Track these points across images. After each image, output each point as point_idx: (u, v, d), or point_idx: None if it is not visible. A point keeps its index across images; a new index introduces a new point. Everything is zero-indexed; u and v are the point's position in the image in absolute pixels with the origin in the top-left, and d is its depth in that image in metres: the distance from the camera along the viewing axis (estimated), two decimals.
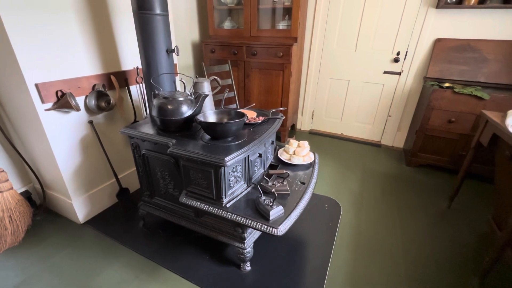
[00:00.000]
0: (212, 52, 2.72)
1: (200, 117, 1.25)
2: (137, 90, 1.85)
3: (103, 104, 1.60)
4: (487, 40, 2.21)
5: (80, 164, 1.61)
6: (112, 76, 1.62)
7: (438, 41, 2.36)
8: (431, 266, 1.45)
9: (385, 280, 1.36)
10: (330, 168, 2.45)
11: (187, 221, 1.46)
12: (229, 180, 1.19)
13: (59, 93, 1.39)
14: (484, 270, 1.32)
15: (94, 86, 1.55)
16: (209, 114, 1.31)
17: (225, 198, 1.20)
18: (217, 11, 2.80)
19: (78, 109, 1.41)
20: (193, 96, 1.35)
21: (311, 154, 1.62)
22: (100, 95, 1.58)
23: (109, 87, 1.64)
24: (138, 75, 1.76)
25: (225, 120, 1.29)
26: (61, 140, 1.48)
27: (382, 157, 2.69)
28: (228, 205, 1.20)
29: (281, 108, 1.68)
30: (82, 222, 1.70)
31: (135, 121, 1.83)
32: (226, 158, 1.06)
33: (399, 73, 2.63)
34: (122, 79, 1.71)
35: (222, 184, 1.16)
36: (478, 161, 2.13)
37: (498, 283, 1.35)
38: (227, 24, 2.79)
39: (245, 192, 1.30)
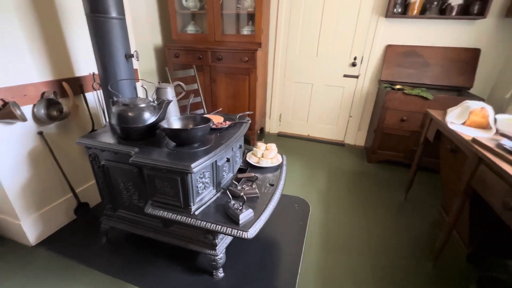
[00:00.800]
0: (176, 56, 2.66)
1: (164, 124, 1.21)
2: (94, 97, 1.73)
3: (54, 113, 1.47)
4: (429, 46, 2.48)
5: (29, 180, 1.46)
6: (64, 83, 1.50)
7: (388, 47, 2.58)
8: (392, 254, 1.56)
9: (352, 271, 1.44)
10: (298, 168, 2.53)
11: (154, 232, 1.40)
12: (197, 186, 1.17)
13: (1, 102, 1.25)
14: (436, 254, 1.46)
15: (43, 93, 1.42)
16: (174, 121, 1.27)
17: (194, 205, 1.17)
18: (180, 15, 2.75)
19: (24, 119, 1.28)
20: (156, 102, 1.31)
21: (279, 156, 1.66)
22: (51, 104, 1.45)
23: (62, 94, 1.52)
24: (94, 81, 1.66)
25: (191, 126, 1.27)
26: (5, 154, 1.33)
27: (346, 155, 2.85)
28: (197, 213, 1.18)
29: (247, 112, 1.70)
30: (34, 244, 1.53)
31: (93, 130, 1.71)
32: (193, 165, 1.05)
33: (357, 77, 2.82)
34: (76, 85, 1.59)
35: (189, 192, 1.13)
36: (427, 155, 2.36)
37: (448, 264, 1.50)
38: (190, 29, 2.76)
39: (214, 197, 1.28)
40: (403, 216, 1.90)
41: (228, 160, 1.34)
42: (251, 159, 1.60)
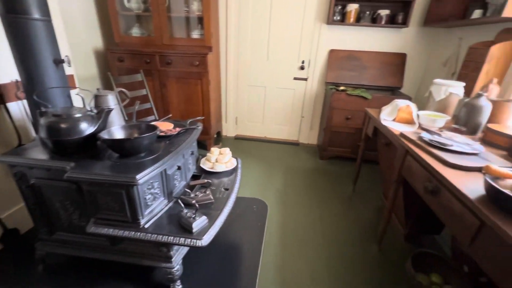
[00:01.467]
0: (121, 61, 2.49)
1: (104, 134, 1.12)
2: (19, 108, 1.52)
3: None
4: (366, 51, 2.75)
5: None
6: None
7: (331, 52, 2.79)
8: (344, 243, 1.69)
9: (309, 264, 1.51)
10: (256, 170, 2.57)
11: (101, 252, 1.28)
12: (146, 198, 1.11)
13: None
14: (380, 237, 1.62)
15: None
16: (116, 130, 1.19)
17: (143, 218, 1.11)
18: (123, 16, 2.58)
19: None
20: (94, 111, 1.21)
21: (234, 160, 1.67)
22: None
23: None
24: (19, 89, 1.46)
25: (135, 135, 1.20)
26: None
27: (300, 154, 2.99)
28: (147, 226, 1.12)
29: (199, 118, 1.67)
30: None
31: (20, 144, 1.50)
32: (138, 176, 0.99)
33: (306, 79, 2.99)
34: None
35: (137, 205, 1.07)
36: (370, 149, 2.60)
37: (390, 245, 1.68)
38: (135, 31, 2.61)
39: (166, 208, 1.23)
40: (352, 207, 2.07)
41: (179, 168, 1.30)
42: (205, 165, 1.58)
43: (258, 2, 2.71)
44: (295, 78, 3.00)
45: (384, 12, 2.47)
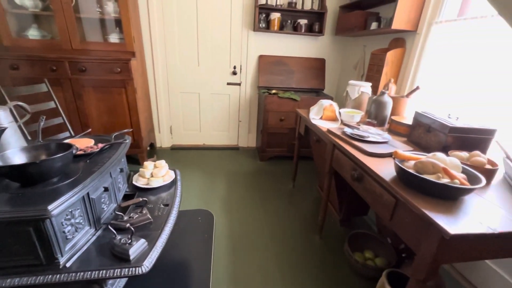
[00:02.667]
0: (15, 68, 2.04)
1: None
2: None
3: None
4: (291, 56, 2.97)
5: None
6: None
7: (261, 57, 2.92)
8: (289, 238, 1.76)
9: (261, 267, 1.52)
10: (197, 180, 2.47)
11: None
12: (64, 232, 0.92)
13: None
14: (320, 226, 1.75)
15: None
16: (13, 154, 0.96)
17: (63, 256, 0.92)
18: (13, 15, 2.13)
19: None
20: None
21: (172, 172, 1.55)
22: None
23: None
24: None
25: (43, 157, 0.99)
26: None
27: (241, 158, 3.02)
28: (69, 264, 0.93)
29: (126, 130, 1.50)
30: None
31: None
32: (51, 206, 0.82)
33: (239, 84, 3.04)
34: None
35: (53, 241, 0.88)
36: (304, 146, 2.82)
37: (329, 232, 1.84)
38: (33, 33, 2.18)
39: (94, 238, 1.05)
40: (293, 202, 2.19)
41: (106, 189, 1.13)
42: (139, 182, 1.43)
43: (182, 8, 2.63)
44: (228, 83, 3.02)
45: (303, 21, 2.72)
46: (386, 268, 1.33)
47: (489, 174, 1.02)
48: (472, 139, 1.19)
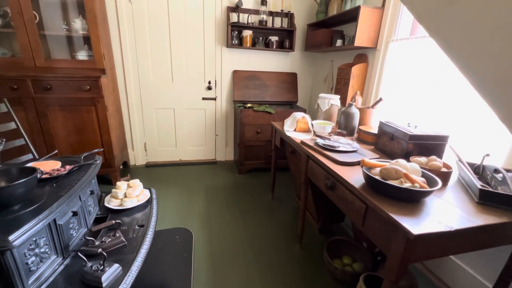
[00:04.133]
0: None
1: None
2: None
3: None
4: (265, 71, 3.07)
5: None
6: None
7: (235, 72, 2.98)
8: (270, 249, 1.77)
9: (243, 281, 1.50)
10: (175, 197, 2.40)
11: None
12: (27, 263, 0.85)
13: None
14: (299, 236, 1.78)
15: None
16: None
17: None
18: None
19: None
20: None
21: (146, 191, 1.51)
22: None
23: None
24: None
25: (2, 184, 0.92)
26: None
27: (219, 172, 3.00)
28: None
29: (96, 150, 1.44)
30: None
31: None
32: (11, 237, 0.76)
33: (215, 99, 3.06)
34: None
35: (14, 275, 0.81)
36: (281, 157, 2.88)
37: (309, 241, 1.87)
38: None
39: (61, 267, 0.99)
40: (273, 213, 2.21)
41: (75, 214, 1.07)
42: (111, 203, 1.37)
43: (155, 24, 2.63)
44: (203, 98, 3.03)
45: (274, 38, 2.84)
46: (363, 272, 1.38)
47: (445, 176, 1.13)
48: (429, 145, 1.30)
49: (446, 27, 0.52)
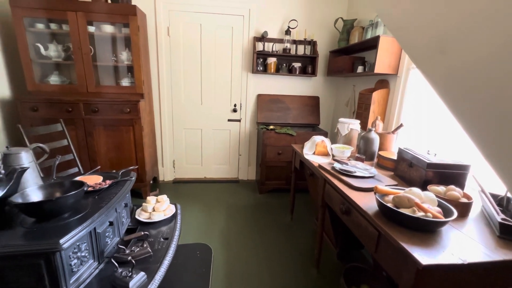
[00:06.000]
0: (35, 110, 2.25)
1: (17, 198, 1.00)
2: None
3: None
4: (288, 95, 3.20)
5: None
6: None
7: (259, 96, 3.15)
8: (286, 271, 1.77)
9: None
10: (197, 213, 2.52)
11: None
12: (71, 265, 1.00)
13: None
14: (316, 260, 1.77)
15: None
16: (32, 192, 1.07)
17: None
18: (38, 65, 2.41)
19: None
20: (3, 172, 1.07)
21: (172, 206, 1.64)
22: None
23: None
24: None
25: (57, 195, 1.10)
26: None
27: (241, 190, 3.09)
28: None
29: (131, 167, 1.63)
30: None
31: None
32: (62, 240, 0.91)
33: (239, 120, 3.23)
34: None
35: (60, 274, 0.95)
36: (301, 179, 2.90)
37: (327, 266, 1.84)
38: (54, 79, 2.44)
39: (97, 271, 1.12)
40: (291, 235, 2.21)
41: (111, 224, 1.22)
42: (141, 216, 1.51)
43: (188, 53, 2.93)
44: (229, 120, 3.21)
45: (297, 65, 2.99)
46: None
47: (465, 207, 1.10)
48: (449, 174, 1.28)
49: (437, 72, 0.59)
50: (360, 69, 2.37)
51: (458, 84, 0.56)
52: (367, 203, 1.18)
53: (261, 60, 2.97)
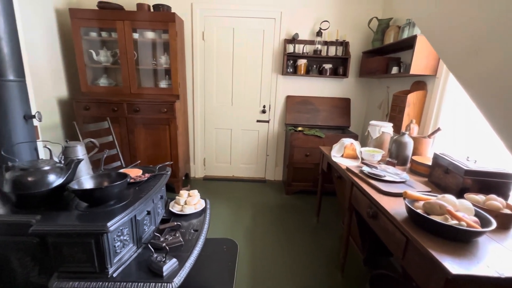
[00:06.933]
0: (87, 109, 2.54)
1: (74, 185, 1.16)
2: None
3: None
4: (317, 96, 3.18)
5: None
6: None
7: (288, 97, 3.17)
8: (311, 273, 1.77)
9: None
10: (225, 210, 2.62)
11: None
12: (115, 246, 1.13)
13: None
14: (341, 264, 1.75)
15: None
16: (85, 180, 1.23)
17: (111, 267, 1.11)
18: (90, 69, 2.71)
19: None
20: (63, 162, 1.25)
21: (202, 201, 1.74)
22: None
23: None
24: None
25: (105, 184, 1.25)
26: None
27: (267, 190, 3.14)
28: (115, 275, 1.12)
29: (167, 163, 1.76)
30: None
31: None
32: (109, 224, 1.04)
33: (268, 121, 3.28)
34: None
35: (106, 253, 1.08)
36: (328, 182, 2.85)
37: (352, 271, 1.81)
38: (103, 81, 2.72)
39: (135, 254, 1.24)
40: (317, 237, 2.20)
41: (148, 213, 1.35)
42: (174, 208, 1.63)
43: (221, 56, 3.06)
44: (258, 121, 3.28)
45: (328, 66, 2.95)
46: None
47: (507, 219, 1.02)
48: (490, 183, 1.20)
49: (470, 74, 0.59)
50: (395, 70, 2.28)
51: (492, 85, 0.55)
52: (396, 208, 1.15)
53: (291, 62, 2.99)
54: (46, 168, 1.16)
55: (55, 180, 1.16)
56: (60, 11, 2.54)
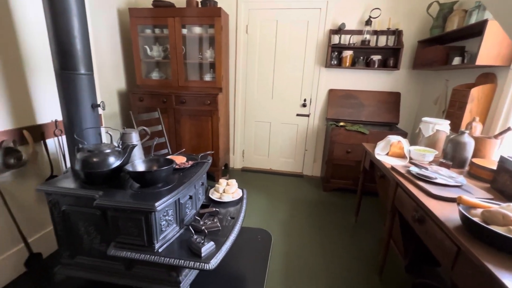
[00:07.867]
0: (141, 100, 2.80)
1: (129, 167, 1.31)
2: (55, 143, 1.76)
3: (11, 161, 1.47)
4: (362, 90, 2.99)
5: None
6: (25, 131, 1.53)
7: (331, 91, 3.05)
8: (345, 273, 1.72)
9: None
10: (261, 201, 2.67)
11: (117, 276, 1.39)
12: (161, 224, 1.25)
13: None
14: (380, 267, 1.66)
15: (1, 142, 1.43)
16: (138, 164, 1.38)
17: (157, 243, 1.24)
18: (145, 63, 2.96)
19: None
20: (121, 147, 1.41)
21: (240, 191, 1.81)
22: (8, 152, 1.45)
23: (22, 142, 1.54)
24: (56, 127, 1.70)
25: (155, 168, 1.38)
26: None
27: (304, 186, 3.10)
28: (160, 250, 1.24)
29: (209, 152, 1.86)
30: None
31: (52, 176, 1.70)
32: (157, 204, 1.15)
33: (308, 115, 3.21)
34: (37, 133, 1.62)
35: (153, 230, 1.21)
36: (369, 181, 2.70)
37: (391, 276, 1.70)
38: (155, 75, 2.96)
39: (178, 234, 1.36)
40: (354, 237, 2.12)
41: (190, 197, 1.45)
42: (214, 195, 1.72)
43: (263, 49, 3.07)
44: (297, 115, 3.23)
45: (376, 57, 2.75)
46: None
47: None
48: None
49: None
50: (456, 60, 2.02)
51: None
52: (447, 214, 1.05)
53: (336, 53, 2.86)
54: (108, 151, 1.32)
55: (114, 162, 1.32)
56: (120, 10, 2.81)
